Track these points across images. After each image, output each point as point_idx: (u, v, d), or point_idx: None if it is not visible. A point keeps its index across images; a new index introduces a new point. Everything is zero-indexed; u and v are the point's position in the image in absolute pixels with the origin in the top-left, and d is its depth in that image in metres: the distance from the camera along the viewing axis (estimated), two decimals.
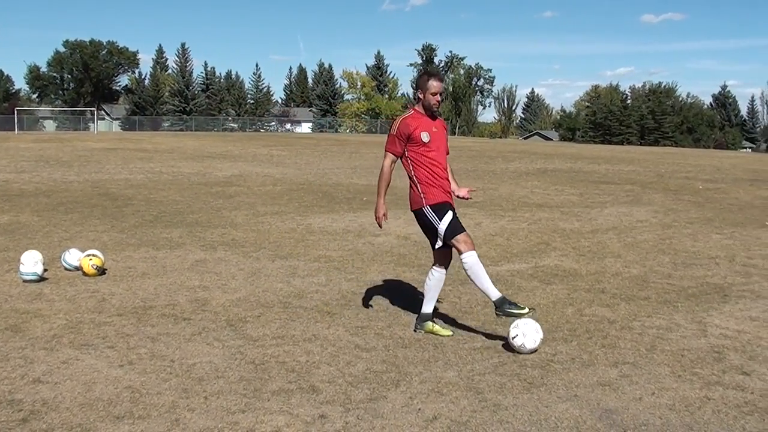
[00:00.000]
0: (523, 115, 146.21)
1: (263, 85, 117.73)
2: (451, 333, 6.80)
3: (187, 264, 9.61)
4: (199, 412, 4.88)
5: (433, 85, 6.52)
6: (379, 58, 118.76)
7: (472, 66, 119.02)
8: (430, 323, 6.83)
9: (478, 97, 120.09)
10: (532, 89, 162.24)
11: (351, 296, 8.12)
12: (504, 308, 6.57)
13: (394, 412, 4.98)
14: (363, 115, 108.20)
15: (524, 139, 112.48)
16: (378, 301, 7.93)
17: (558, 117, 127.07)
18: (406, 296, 8.13)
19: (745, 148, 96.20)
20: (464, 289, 8.49)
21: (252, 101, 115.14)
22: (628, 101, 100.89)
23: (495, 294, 6.64)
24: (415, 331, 6.87)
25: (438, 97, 6.56)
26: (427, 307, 6.90)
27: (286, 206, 15.99)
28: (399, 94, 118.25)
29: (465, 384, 5.56)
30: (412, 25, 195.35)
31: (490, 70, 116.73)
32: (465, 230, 6.68)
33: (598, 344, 6.61)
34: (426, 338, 6.66)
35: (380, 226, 6.81)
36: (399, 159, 6.72)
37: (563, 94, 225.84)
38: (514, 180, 24.76)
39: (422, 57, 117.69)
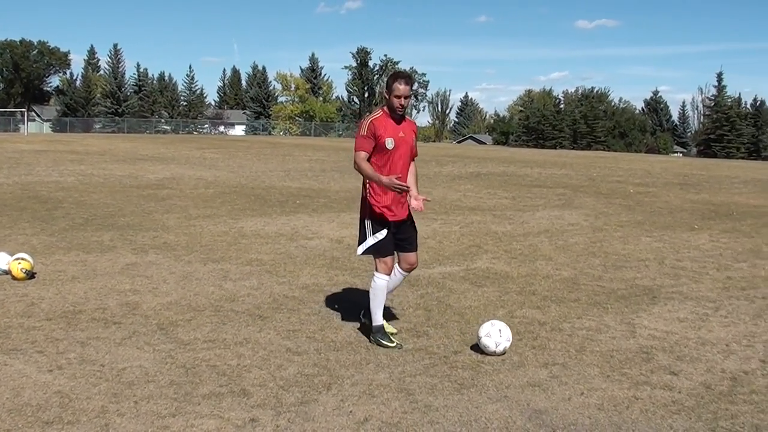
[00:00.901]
0: (456, 119, 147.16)
1: (196, 87, 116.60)
2: (395, 330, 7.00)
3: (117, 267, 9.51)
4: (128, 416, 4.85)
5: (398, 87, 6.39)
6: (313, 60, 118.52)
7: (407, 70, 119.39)
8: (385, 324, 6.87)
9: (412, 101, 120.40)
10: (466, 93, 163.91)
11: (283, 300, 8.12)
12: (377, 336, 6.68)
13: (325, 415, 5.01)
14: (297, 118, 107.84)
15: (458, 143, 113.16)
16: (310, 304, 7.95)
17: (492, 121, 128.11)
18: (338, 300, 8.16)
19: (676, 152, 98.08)
20: (395, 291, 8.54)
21: (185, 103, 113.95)
22: (561, 106, 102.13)
23: (378, 321, 6.72)
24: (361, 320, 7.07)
25: (402, 101, 6.41)
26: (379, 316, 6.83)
27: (218, 209, 15.90)
28: (333, 97, 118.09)
29: (396, 386, 5.61)
30: (347, 27, 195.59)
31: (424, 74, 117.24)
32: (392, 254, 6.67)
33: (528, 346, 6.72)
34: (359, 341, 6.70)
35: (404, 186, 6.29)
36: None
37: (497, 99, 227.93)
38: (447, 184, 24.94)
39: (357, 60, 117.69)
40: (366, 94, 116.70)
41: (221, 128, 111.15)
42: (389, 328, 6.95)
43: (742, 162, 61.18)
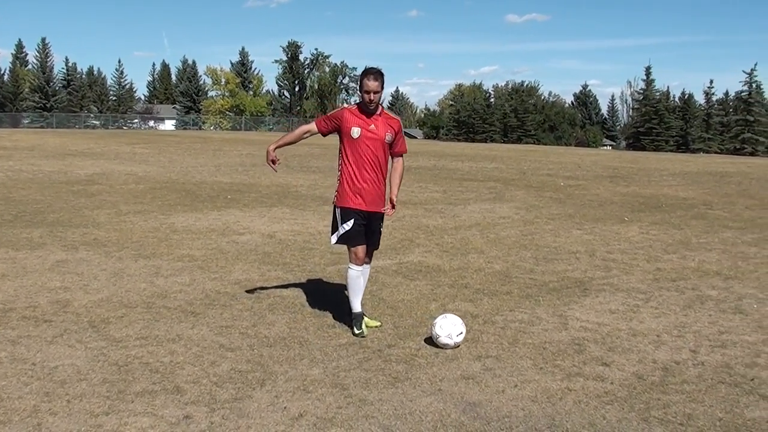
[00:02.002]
0: None
1: (126, 82, 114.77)
2: (379, 323, 7.11)
3: (47, 264, 9.34)
4: (61, 415, 4.77)
5: (366, 83, 6.58)
6: (243, 54, 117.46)
7: (338, 64, 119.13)
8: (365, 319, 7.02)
9: (344, 95, 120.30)
10: (397, 88, 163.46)
11: (215, 296, 8.06)
12: (357, 323, 6.84)
13: (259, 411, 4.99)
14: (227, 112, 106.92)
15: None
16: (242, 300, 7.90)
17: (422, 115, 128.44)
18: (270, 295, 8.12)
19: (606, 145, 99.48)
20: (327, 286, 8.55)
21: (114, 98, 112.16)
22: (492, 100, 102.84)
23: (355, 309, 6.91)
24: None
25: (369, 96, 6.57)
26: (355, 305, 7.02)
27: (149, 205, 15.70)
28: (263, 91, 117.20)
29: (330, 381, 5.61)
30: (278, 21, 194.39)
31: (355, 68, 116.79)
32: (362, 243, 6.83)
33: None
34: (292, 336, 6.68)
35: (273, 168, 7.08)
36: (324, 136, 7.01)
37: (428, 93, 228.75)
38: None
39: (287, 54, 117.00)
40: (297, 88, 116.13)
41: (151, 123, 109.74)
42: (372, 322, 7.06)
43: (671, 155, 62.34)
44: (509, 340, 6.84)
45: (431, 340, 6.55)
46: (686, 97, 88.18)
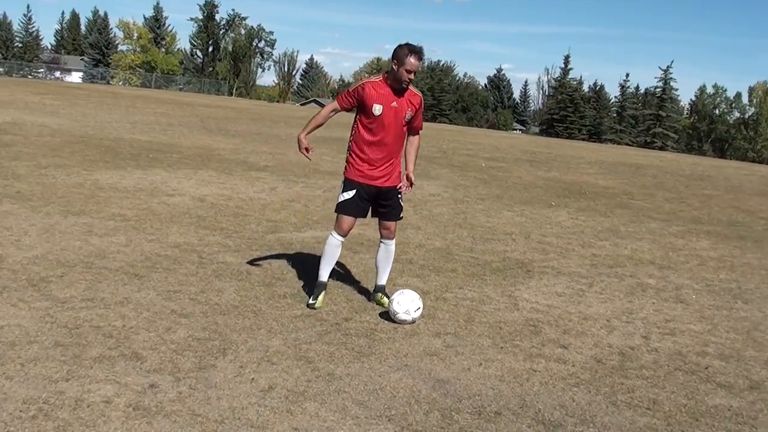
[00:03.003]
0: (300, 81, 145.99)
1: (33, 29, 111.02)
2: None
3: None
4: (17, 380, 4.50)
5: (410, 61, 6.31)
6: (158, 9, 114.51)
7: (254, 27, 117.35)
8: (379, 294, 6.94)
9: (258, 59, 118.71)
10: (312, 56, 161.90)
11: (156, 258, 7.77)
12: (317, 292, 6.74)
13: (227, 382, 4.80)
14: (138, 68, 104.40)
15: (301, 105, 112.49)
16: (185, 265, 7.64)
17: (336, 86, 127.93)
18: (213, 261, 7.88)
19: (516, 129, 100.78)
20: (270, 254, 8.36)
21: (20, 45, 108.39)
22: None
23: (322, 278, 6.83)
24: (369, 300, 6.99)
25: (411, 75, 6.35)
26: (380, 279, 6.99)
27: (69, 159, 15.12)
28: (176, 49, 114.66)
29: (293, 353, 5.45)
30: None
31: (272, 33, 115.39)
32: (354, 217, 6.77)
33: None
34: (244, 305, 6.47)
35: (307, 156, 6.83)
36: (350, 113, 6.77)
37: (341, 64, 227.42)
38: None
39: (203, 12, 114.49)
40: (210, 48, 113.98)
41: (57, 74, 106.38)
42: (383, 299, 6.83)
43: (584, 143, 63.35)
44: (464, 317, 6.77)
45: (388, 316, 6.40)
46: (597, 87, 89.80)
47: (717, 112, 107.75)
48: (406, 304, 6.31)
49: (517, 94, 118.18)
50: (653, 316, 7.51)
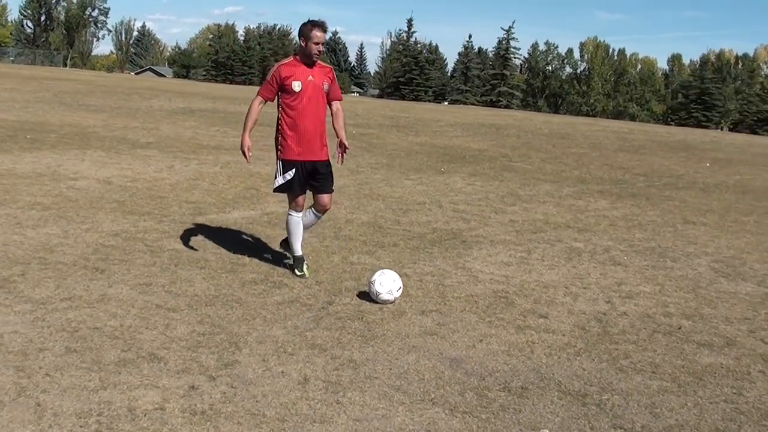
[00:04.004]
0: (134, 50, 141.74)
1: None
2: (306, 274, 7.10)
3: None
4: (55, 393, 4.31)
5: (316, 35, 6.66)
6: None
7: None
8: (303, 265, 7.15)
9: (93, 28, 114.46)
10: (143, 23, 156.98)
11: (104, 249, 7.53)
12: (296, 264, 7.08)
13: (260, 378, 4.76)
14: None
15: (136, 74, 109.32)
16: (137, 254, 7.44)
17: (170, 52, 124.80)
18: (163, 248, 7.71)
19: (354, 92, 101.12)
20: (212, 237, 8.25)
21: None
22: (242, 41, 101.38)
23: (296, 252, 7.16)
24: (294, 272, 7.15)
25: (319, 47, 6.72)
26: (295, 248, 7.16)
27: None
28: (7, 21, 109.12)
29: (302, 341, 5.44)
30: None
31: (105, 1, 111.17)
32: (301, 193, 6.99)
33: None
34: (222, 294, 6.38)
35: (246, 159, 7.03)
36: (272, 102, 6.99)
37: (170, 30, 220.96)
38: (168, 119, 24.02)
39: None
40: (42, 18, 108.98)
41: None
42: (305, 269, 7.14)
43: (433, 105, 64.17)
44: (436, 293, 6.90)
45: (368, 296, 6.45)
46: (432, 48, 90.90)
47: (550, 68, 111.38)
48: (389, 284, 6.38)
49: (353, 57, 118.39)
50: (603, 280, 7.82)
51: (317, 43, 6.68)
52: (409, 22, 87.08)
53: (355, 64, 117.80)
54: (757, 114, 71.96)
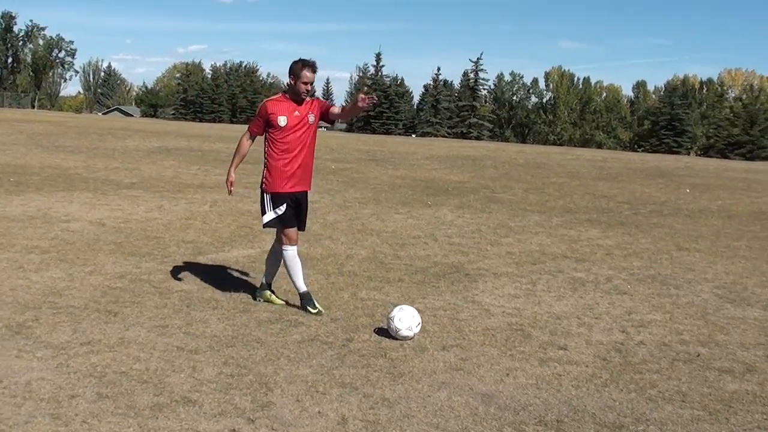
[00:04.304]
0: (100, 90, 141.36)
1: None
2: (283, 302, 7.28)
3: None
4: None
5: (306, 74, 6.82)
6: None
7: (53, 37, 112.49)
8: (267, 292, 7.34)
9: (60, 69, 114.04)
10: (109, 64, 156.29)
11: (112, 292, 7.46)
12: (304, 302, 7.07)
13: (299, 419, 4.71)
14: None
15: (104, 114, 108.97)
16: (146, 296, 7.39)
17: (139, 93, 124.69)
18: (171, 289, 7.65)
19: (321, 127, 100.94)
20: (216, 276, 8.20)
21: None
22: (209, 78, 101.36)
23: (301, 288, 7.17)
24: (255, 299, 7.34)
25: (308, 87, 6.87)
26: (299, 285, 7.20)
27: None
28: None
29: (332, 380, 5.40)
30: None
31: (72, 42, 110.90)
32: (294, 226, 7.01)
33: None
34: (240, 335, 6.33)
35: (229, 192, 7.28)
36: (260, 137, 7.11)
37: (135, 70, 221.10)
38: (147, 159, 23.99)
39: (1, 25, 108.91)
40: (9, 60, 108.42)
41: None
42: (277, 300, 7.34)
43: (406, 138, 64.36)
44: (453, 328, 6.88)
45: (386, 332, 6.43)
46: (398, 82, 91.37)
47: (516, 98, 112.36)
48: (408, 320, 6.36)
49: (319, 92, 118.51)
50: (612, 310, 7.85)
51: (306, 83, 6.83)
52: (378, 56, 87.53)
53: (322, 99, 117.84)
54: (727, 138, 72.89)
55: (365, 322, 6.84)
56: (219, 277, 8.21)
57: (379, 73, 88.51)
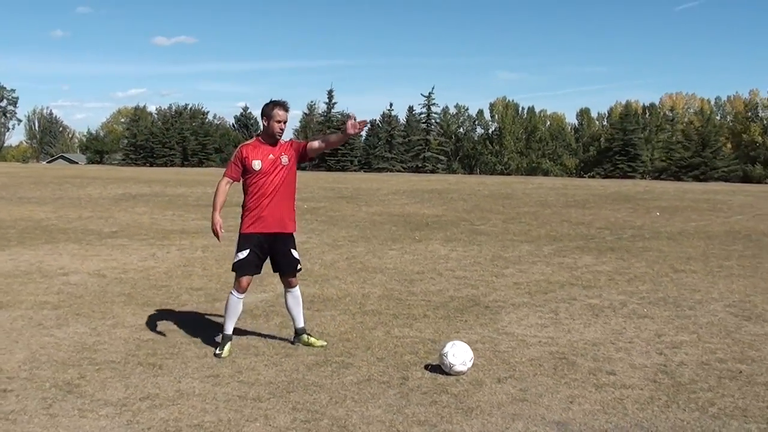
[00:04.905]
0: (45, 138, 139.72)
1: None
2: (325, 343, 7.27)
3: None
4: None
5: (278, 113, 6.87)
6: None
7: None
8: (304, 336, 7.31)
9: (2, 119, 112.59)
10: (51, 111, 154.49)
11: (146, 345, 7.39)
12: (222, 342, 7.05)
13: None
14: None
15: (48, 162, 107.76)
16: (183, 346, 7.32)
17: (84, 139, 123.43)
18: (206, 340, 7.56)
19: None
20: (243, 323, 8.15)
21: None
22: (155, 121, 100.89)
23: (226, 331, 7.13)
24: (293, 344, 7.32)
25: (282, 125, 6.89)
26: (297, 322, 7.36)
27: None
28: None
29: (405, 419, 5.44)
30: None
31: (13, 90, 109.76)
32: (250, 274, 7.07)
33: None
34: (294, 380, 6.32)
35: (217, 238, 7.08)
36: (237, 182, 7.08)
37: (74, 116, 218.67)
38: (116, 206, 23.75)
39: None
40: None
41: None
42: (318, 341, 7.32)
43: (364, 174, 64.48)
44: (499, 360, 6.92)
45: (439, 369, 6.45)
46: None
47: (462, 130, 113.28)
48: (462, 355, 6.39)
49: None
50: (641, 333, 7.95)
51: (279, 122, 6.85)
52: (330, 93, 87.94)
53: (297, 140, 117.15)
54: (680, 161, 74.18)
55: (411, 360, 6.85)
56: (245, 323, 8.15)
57: (331, 110, 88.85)
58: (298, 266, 7.29)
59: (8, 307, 8.87)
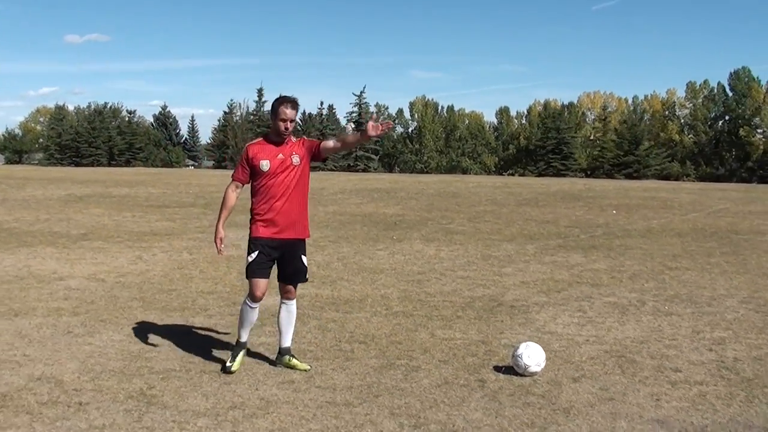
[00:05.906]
0: None
1: None
2: (308, 367, 6.68)
3: None
4: None
5: (284, 111, 6.43)
6: None
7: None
8: (287, 357, 6.78)
9: None
10: None
11: (198, 350, 7.25)
12: (234, 351, 6.78)
13: None
14: None
15: None
16: (214, 353, 7.18)
17: (1, 138, 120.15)
18: (251, 344, 7.30)
19: (189, 165, 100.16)
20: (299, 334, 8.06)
21: None
22: (87, 122, 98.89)
23: (241, 338, 6.82)
24: (274, 364, 6.83)
25: (287, 124, 6.45)
26: (284, 340, 6.86)
27: None
28: None
29: (511, 422, 5.49)
30: None
31: None
32: (262, 278, 6.64)
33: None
34: (373, 383, 6.29)
35: (218, 250, 6.67)
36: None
37: None
38: (69, 208, 23.13)
39: None
40: None
41: None
42: (302, 365, 6.73)
43: None
44: (561, 359, 6.99)
45: (511, 370, 6.47)
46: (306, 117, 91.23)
47: None
48: (536, 356, 6.43)
49: (185, 131, 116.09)
50: (679, 330, 8.11)
51: (284, 120, 6.44)
52: (260, 92, 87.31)
53: (188, 137, 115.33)
54: (612, 159, 75.45)
55: (475, 362, 6.86)
56: (260, 327, 8.00)
57: (261, 110, 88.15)
58: (306, 275, 6.93)
59: (24, 315, 8.59)
